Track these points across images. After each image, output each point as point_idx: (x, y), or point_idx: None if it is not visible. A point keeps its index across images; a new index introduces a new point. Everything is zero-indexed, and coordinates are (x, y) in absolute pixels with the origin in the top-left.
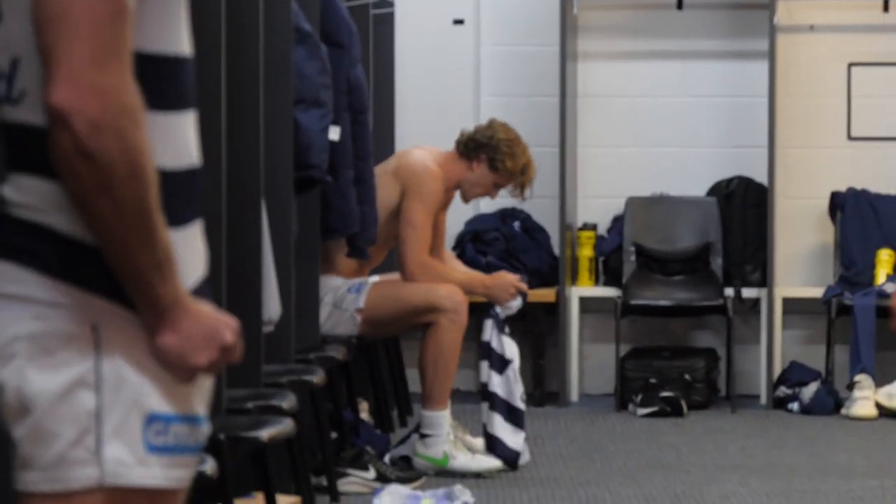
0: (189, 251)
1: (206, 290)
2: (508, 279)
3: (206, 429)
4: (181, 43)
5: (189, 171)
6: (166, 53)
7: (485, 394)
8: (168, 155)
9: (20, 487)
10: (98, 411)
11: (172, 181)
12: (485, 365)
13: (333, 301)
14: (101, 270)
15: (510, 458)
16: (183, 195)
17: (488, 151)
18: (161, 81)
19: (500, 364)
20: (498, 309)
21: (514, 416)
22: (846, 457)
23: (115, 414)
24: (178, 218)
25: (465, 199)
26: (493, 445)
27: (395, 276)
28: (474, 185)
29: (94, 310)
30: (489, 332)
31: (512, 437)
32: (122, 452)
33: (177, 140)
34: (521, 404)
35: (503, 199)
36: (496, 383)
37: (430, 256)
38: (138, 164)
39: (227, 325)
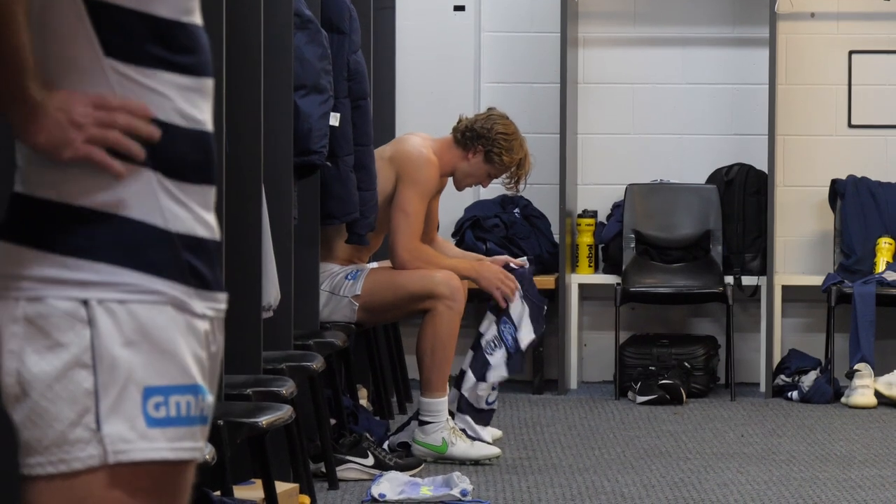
0: (194, 210)
1: (216, 254)
2: (495, 268)
3: (209, 399)
4: (195, 13)
5: (198, 133)
6: (180, 20)
7: (457, 381)
8: (176, 115)
9: (24, 472)
10: (96, 390)
11: (178, 136)
12: (469, 357)
13: (331, 288)
14: (91, 234)
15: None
16: (189, 153)
17: (485, 143)
18: (175, 46)
19: (482, 373)
20: (508, 335)
21: (481, 417)
22: (845, 445)
23: (112, 391)
24: (181, 174)
25: (459, 187)
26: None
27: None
28: (468, 174)
29: (86, 282)
30: (489, 334)
31: (482, 433)
32: (123, 429)
33: (187, 102)
34: (486, 405)
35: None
36: (468, 386)
37: (421, 243)
38: None
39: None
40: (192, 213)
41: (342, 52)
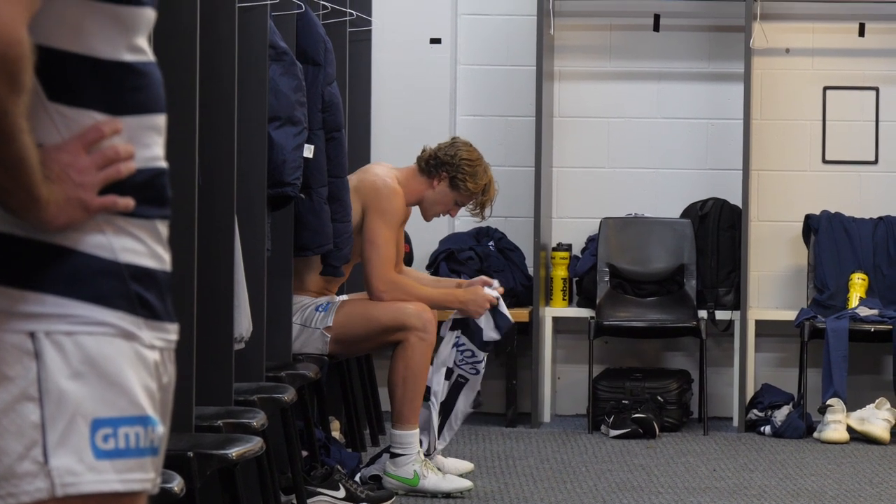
0: (146, 243)
1: (167, 285)
2: (482, 293)
3: (160, 430)
4: (142, 51)
5: (148, 171)
6: (124, 60)
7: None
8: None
9: None
10: (42, 423)
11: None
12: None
13: (302, 320)
14: (38, 265)
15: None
16: (138, 191)
17: (450, 170)
18: (120, 86)
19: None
20: (465, 370)
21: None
22: (817, 480)
23: (60, 423)
24: (130, 213)
25: (426, 217)
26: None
27: (363, 294)
28: (435, 203)
29: (33, 314)
30: (442, 360)
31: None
32: (71, 461)
33: (135, 142)
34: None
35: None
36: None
37: (396, 273)
38: (18, 89)
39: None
40: (144, 244)
41: (317, 83)
